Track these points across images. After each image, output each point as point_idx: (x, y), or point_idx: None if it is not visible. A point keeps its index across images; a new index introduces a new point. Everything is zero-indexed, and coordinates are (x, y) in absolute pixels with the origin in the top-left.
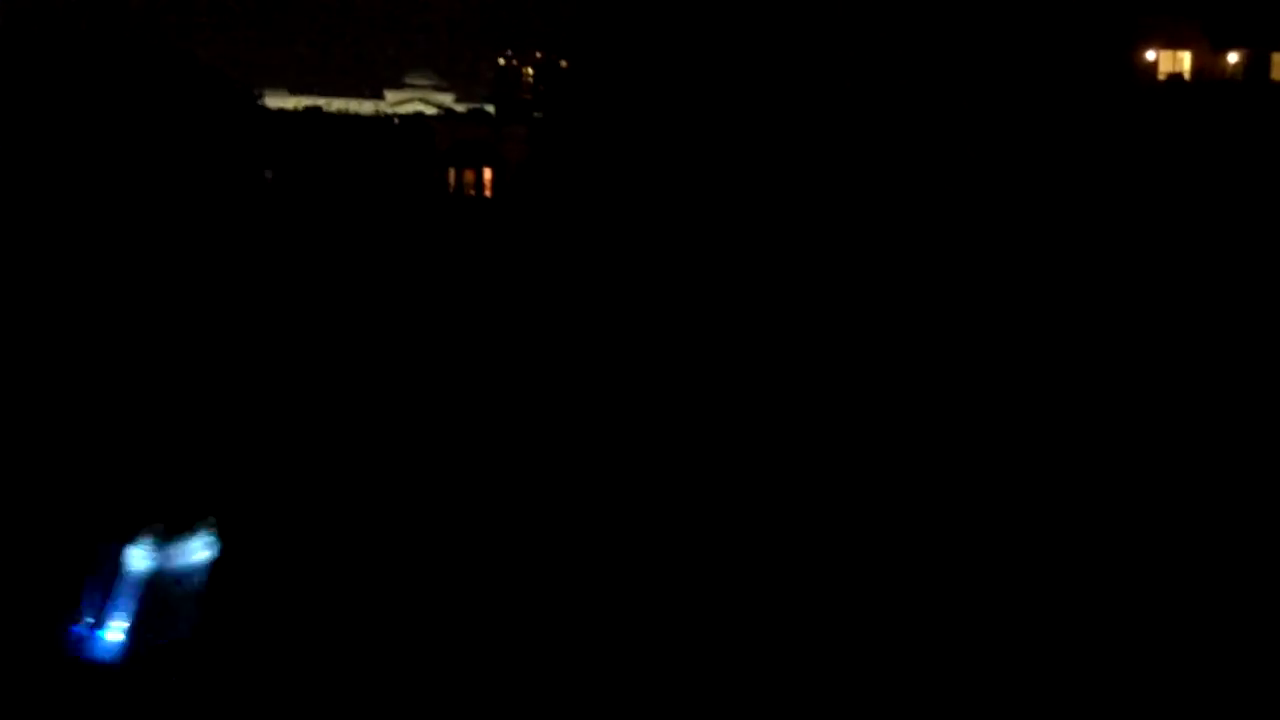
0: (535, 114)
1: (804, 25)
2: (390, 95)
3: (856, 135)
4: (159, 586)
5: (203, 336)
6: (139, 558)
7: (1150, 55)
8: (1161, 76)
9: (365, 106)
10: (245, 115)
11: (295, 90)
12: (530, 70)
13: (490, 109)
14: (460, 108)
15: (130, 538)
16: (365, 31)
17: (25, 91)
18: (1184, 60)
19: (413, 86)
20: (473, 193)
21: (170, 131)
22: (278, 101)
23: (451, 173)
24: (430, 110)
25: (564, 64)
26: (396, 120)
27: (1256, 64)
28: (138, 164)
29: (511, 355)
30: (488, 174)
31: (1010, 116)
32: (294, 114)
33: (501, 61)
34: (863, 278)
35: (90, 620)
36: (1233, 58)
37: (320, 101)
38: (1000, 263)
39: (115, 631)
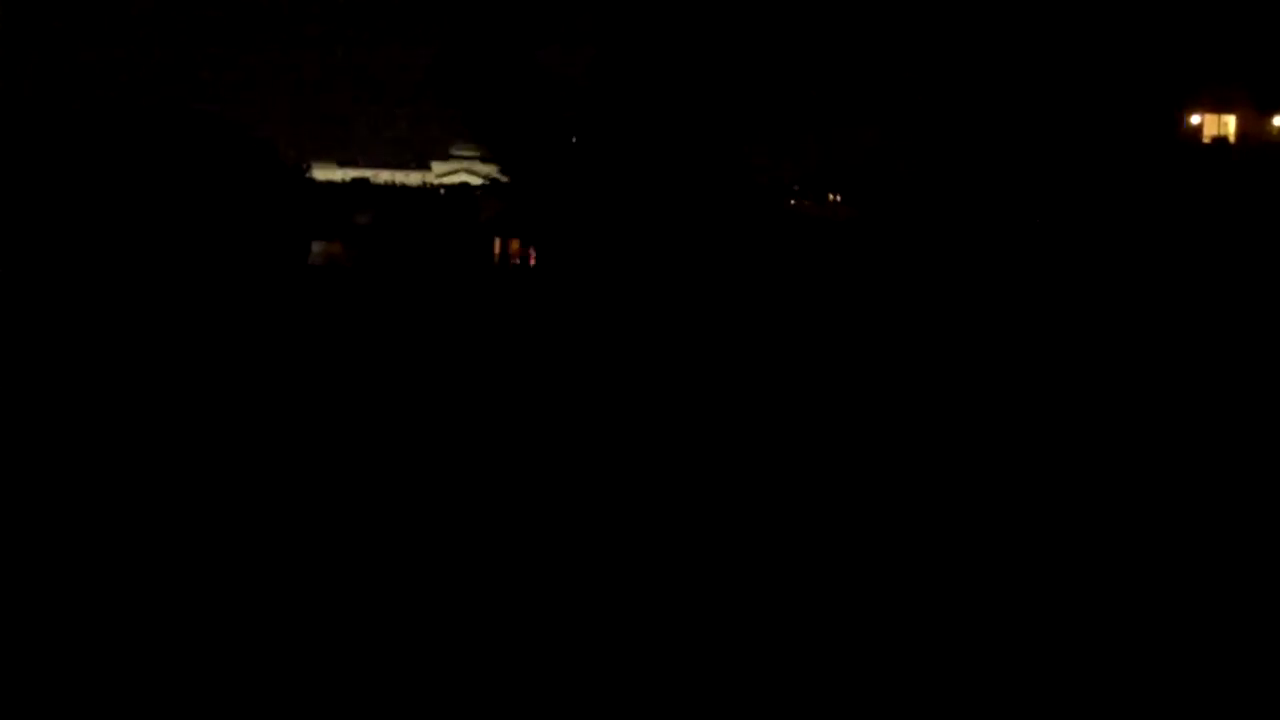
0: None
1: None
2: (436, 166)
3: (917, 192)
4: None
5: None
6: None
7: (1195, 119)
8: (1206, 139)
9: (412, 178)
10: (295, 186)
11: (343, 163)
12: (576, 139)
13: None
14: (506, 178)
15: None
16: (412, 104)
17: (88, 160)
18: (1229, 124)
19: (458, 158)
20: (517, 261)
21: (225, 201)
22: (326, 174)
23: (496, 242)
24: (476, 181)
25: (605, 134)
26: (442, 191)
27: None
28: (193, 231)
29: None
30: None
31: (1056, 177)
32: (342, 185)
33: None
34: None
35: None
36: (1278, 121)
37: (368, 173)
38: (1035, 321)
39: None
